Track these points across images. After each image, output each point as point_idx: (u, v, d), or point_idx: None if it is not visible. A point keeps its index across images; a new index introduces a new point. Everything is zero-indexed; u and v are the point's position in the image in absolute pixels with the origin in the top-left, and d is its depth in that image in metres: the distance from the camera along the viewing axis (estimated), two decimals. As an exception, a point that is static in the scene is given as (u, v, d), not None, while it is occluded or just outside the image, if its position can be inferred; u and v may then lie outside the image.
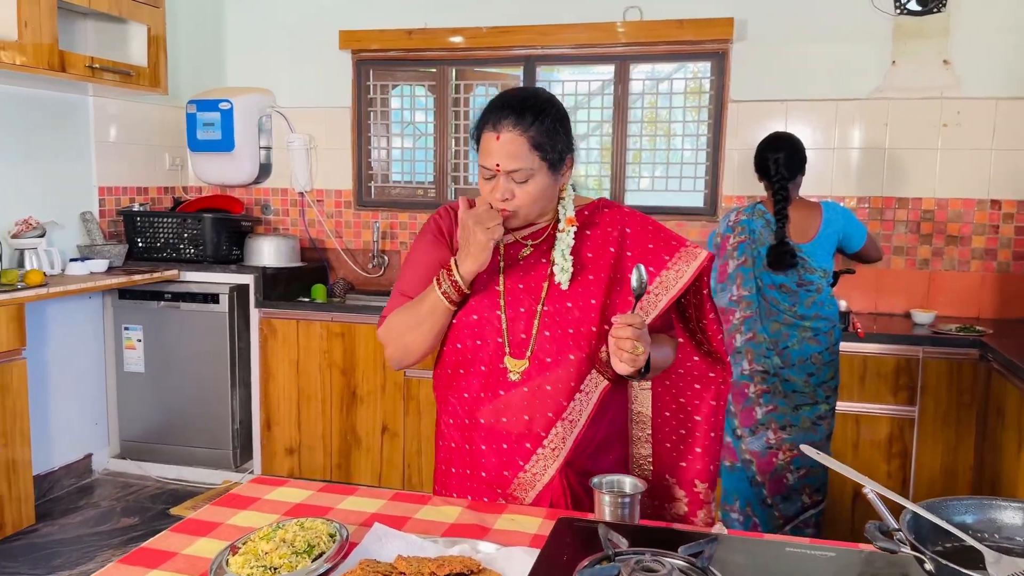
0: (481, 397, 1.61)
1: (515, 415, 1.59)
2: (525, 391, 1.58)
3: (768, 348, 2.90)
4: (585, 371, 1.59)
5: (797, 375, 2.89)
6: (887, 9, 3.73)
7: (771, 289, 2.91)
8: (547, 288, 1.62)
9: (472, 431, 1.63)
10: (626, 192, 4.17)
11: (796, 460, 2.92)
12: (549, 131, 1.57)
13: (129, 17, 3.74)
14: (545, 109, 1.58)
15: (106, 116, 4.12)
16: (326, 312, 3.92)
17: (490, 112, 1.59)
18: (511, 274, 1.64)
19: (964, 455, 3.29)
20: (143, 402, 4.15)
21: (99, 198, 4.11)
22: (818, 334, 2.89)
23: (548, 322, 1.60)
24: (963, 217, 3.76)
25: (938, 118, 3.73)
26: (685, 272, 1.59)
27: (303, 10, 4.43)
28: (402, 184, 4.56)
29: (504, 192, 1.57)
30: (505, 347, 1.60)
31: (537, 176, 1.57)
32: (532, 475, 1.59)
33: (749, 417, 2.94)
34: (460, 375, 1.65)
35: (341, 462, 3.95)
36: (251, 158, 4.42)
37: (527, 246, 1.67)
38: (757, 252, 2.92)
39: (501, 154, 1.55)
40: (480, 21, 4.14)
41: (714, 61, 3.98)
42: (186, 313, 4.04)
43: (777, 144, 3.00)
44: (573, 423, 1.58)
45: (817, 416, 2.92)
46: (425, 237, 1.73)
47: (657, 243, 1.64)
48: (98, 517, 3.66)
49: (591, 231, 1.67)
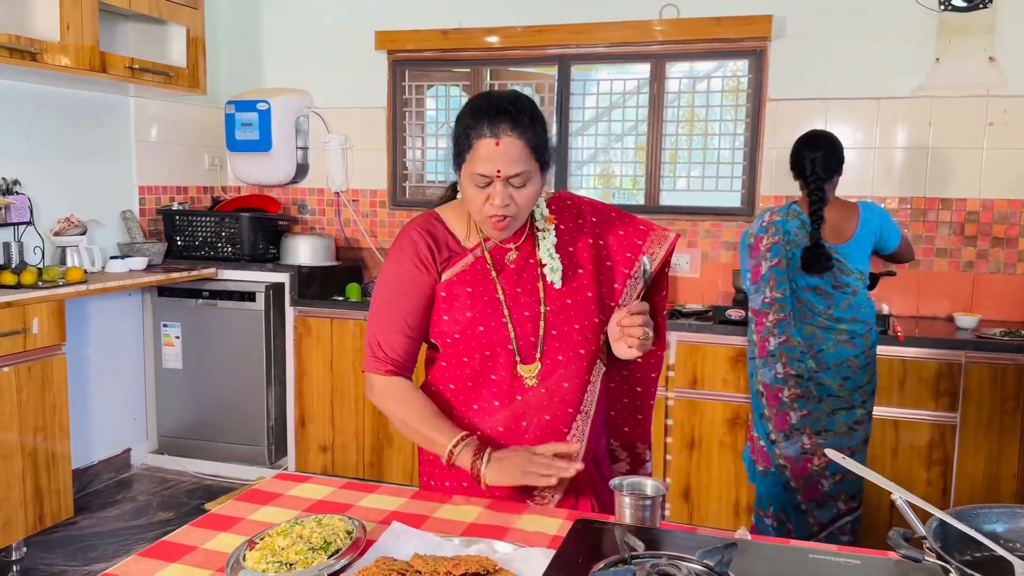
0: (495, 406, 1.61)
1: (536, 416, 1.60)
2: (543, 392, 1.60)
3: (802, 352, 2.84)
4: (593, 362, 1.64)
5: (832, 379, 2.82)
6: (931, 5, 3.64)
7: (805, 291, 2.85)
8: (543, 288, 1.62)
9: (491, 443, 1.60)
10: (662, 192, 4.13)
11: (831, 466, 2.86)
12: (541, 134, 1.55)
13: (169, 19, 3.80)
14: (535, 112, 1.56)
15: (146, 116, 4.20)
16: (360, 311, 3.94)
17: (481, 117, 1.52)
18: (505, 280, 1.63)
19: (1008, 463, 3.19)
20: (180, 398, 4.22)
21: (139, 197, 4.19)
22: (854, 337, 2.82)
23: (553, 321, 1.61)
24: (1009, 219, 3.65)
25: (984, 117, 3.63)
26: (658, 254, 1.68)
27: (339, 11, 4.46)
28: (436, 184, 4.57)
29: (504, 198, 1.52)
30: (515, 354, 1.60)
31: (534, 179, 1.55)
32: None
33: (784, 422, 2.88)
34: (469, 388, 1.63)
35: (374, 460, 3.97)
36: (288, 158, 4.46)
37: (511, 249, 1.65)
38: (792, 254, 2.87)
39: (503, 160, 1.50)
40: (515, 21, 4.13)
41: (752, 59, 3.92)
42: (223, 311, 4.09)
43: (815, 143, 2.93)
44: (587, 414, 1.63)
45: (854, 421, 2.85)
46: (401, 263, 1.63)
47: (627, 229, 1.69)
48: (135, 511, 3.72)
49: (564, 225, 1.68)
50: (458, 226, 1.68)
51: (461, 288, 1.61)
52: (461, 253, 1.65)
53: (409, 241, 1.65)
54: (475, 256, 1.64)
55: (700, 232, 4.02)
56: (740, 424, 3.43)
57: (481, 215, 1.57)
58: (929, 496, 3.26)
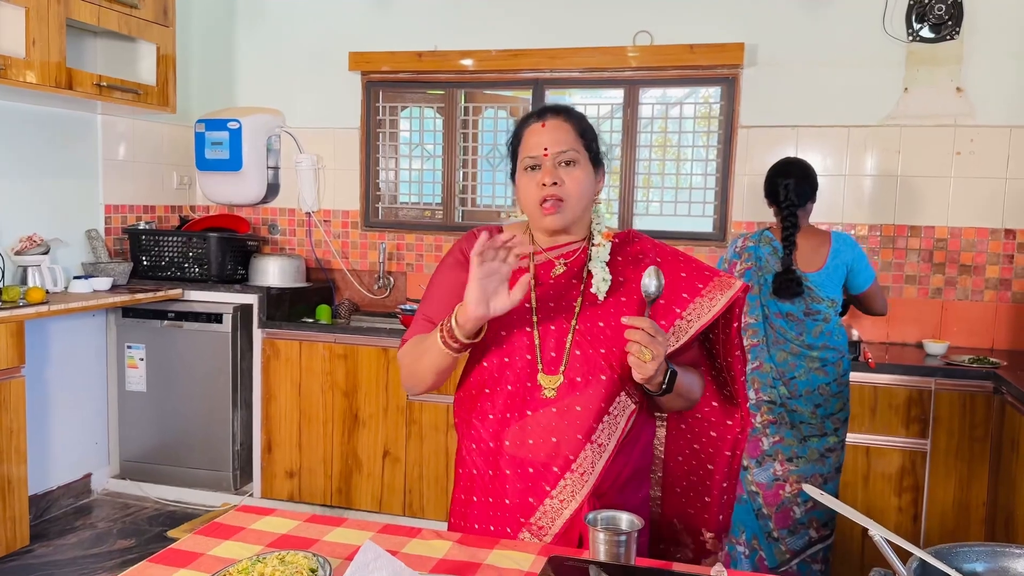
0: (507, 418, 1.56)
1: (542, 437, 1.53)
2: (554, 411, 1.53)
3: (774, 378, 2.83)
4: (615, 393, 1.54)
5: (804, 406, 2.82)
6: (899, 35, 3.69)
7: (778, 317, 2.85)
8: (580, 306, 1.58)
9: (497, 456, 1.57)
10: (635, 216, 4.13)
11: (803, 493, 2.85)
12: (588, 127, 1.63)
13: (139, 36, 3.75)
14: (582, 115, 1.65)
15: (115, 134, 4.13)
16: (329, 333, 3.88)
17: (528, 115, 1.64)
18: (542, 291, 1.61)
19: (977, 490, 3.20)
20: (144, 422, 4.12)
21: (105, 216, 4.11)
22: (826, 364, 2.82)
23: (580, 340, 1.56)
24: (976, 246, 3.69)
25: (951, 146, 3.68)
26: (719, 300, 1.56)
27: (314, 31, 4.44)
28: (409, 205, 4.53)
29: (552, 176, 1.55)
30: (538, 363, 1.55)
31: (583, 164, 1.58)
32: (559, 502, 1.53)
33: (755, 448, 2.87)
34: (485, 395, 1.60)
35: (342, 486, 3.90)
36: (259, 178, 4.41)
37: (560, 264, 1.63)
38: (764, 279, 2.87)
39: (549, 139, 1.56)
40: (490, 44, 4.13)
41: (724, 86, 3.95)
42: (189, 333, 4.01)
43: (787, 169, 2.95)
44: (602, 447, 1.53)
45: (826, 448, 2.84)
46: (446, 260, 1.70)
47: (690, 271, 1.62)
48: (94, 539, 3.61)
49: (622, 257, 1.64)
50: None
51: None
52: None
53: (466, 239, 1.68)
54: (520, 266, 1.61)
55: (673, 257, 4.01)
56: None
57: (532, 203, 1.58)
58: (900, 524, 3.26)
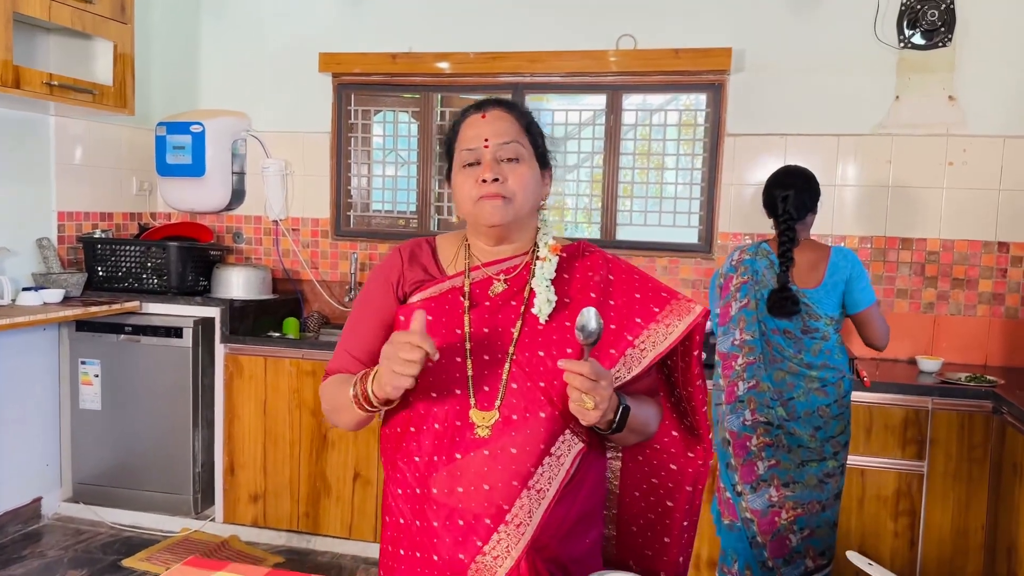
0: (435, 461, 1.37)
1: (473, 483, 1.34)
2: (486, 454, 1.34)
3: (772, 398, 2.68)
4: (557, 431, 1.36)
5: (803, 429, 2.67)
6: (891, 42, 3.58)
7: (775, 334, 2.70)
8: (518, 332, 1.40)
9: (424, 504, 1.38)
10: (617, 226, 3.98)
11: (800, 520, 2.70)
12: (535, 124, 1.48)
13: (95, 33, 3.53)
14: (527, 111, 1.50)
15: (69, 137, 3.89)
16: (296, 348, 3.67)
17: (467, 108, 1.49)
18: (478, 314, 1.42)
19: (976, 513, 3.08)
20: (98, 442, 3.88)
21: (58, 223, 3.87)
22: (826, 385, 2.67)
23: (517, 372, 1.37)
24: (969, 260, 3.58)
25: (944, 156, 3.57)
26: (676, 327, 1.40)
27: (282, 30, 4.23)
28: (383, 214, 4.34)
29: (494, 170, 1.39)
30: (470, 398, 1.37)
31: (528, 160, 1.43)
32: (492, 559, 1.33)
33: (750, 472, 2.72)
34: (411, 434, 1.41)
35: (309, 510, 3.69)
36: (223, 184, 4.19)
37: (500, 281, 1.45)
38: (760, 294, 2.72)
39: (490, 129, 1.42)
40: (467, 46, 3.96)
41: (710, 92, 3.81)
42: (147, 347, 3.78)
43: (787, 180, 2.80)
44: (541, 493, 1.34)
45: (824, 474, 2.69)
46: (369, 287, 1.52)
47: (645, 293, 1.45)
48: (43, 568, 3.37)
49: (569, 274, 1.46)
50: (447, 252, 1.51)
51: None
52: (438, 279, 1.46)
53: (387, 260, 1.51)
54: (453, 285, 1.45)
55: (658, 269, 3.87)
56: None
57: (471, 202, 1.42)
58: (896, 549, 3.12)
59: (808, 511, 2.68)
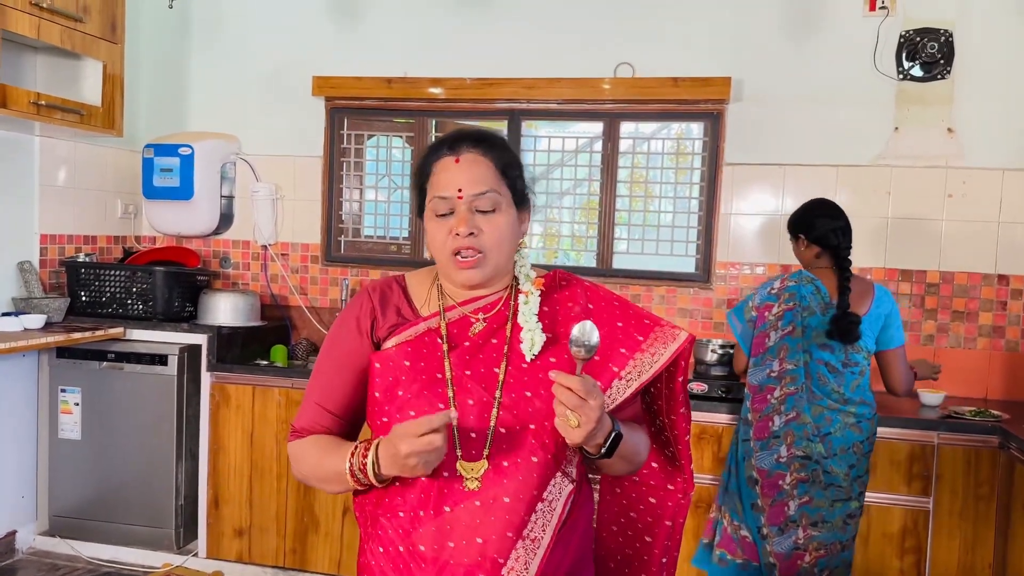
0: (421, 516, 1.29)
1: (464, 537, 1.26)
2: (477, 505, 1.27)
3: (812, 433, 2.62)
4: (549, 476, 1.30)
5: (839, 466, 2.61)
6: (890, 73, 3.57)
7: (819, 364, 2.67)
8: (504, 373, 1.33)
9: (411, 562, 1.29)
10: (614, 255, 3.92)
11: (820, 562, 2.63)
12: (511, 159, 1.37)
13: (84, 53, 3.45)
14: (504, 143, 1.39)
15: (54, 158, 3.79)
16: (285, 377, 3.57)
17: (440, 143, 1.37)
18: (457, 357, 1.34)
19: (983, 552, 3.01)
20: (78, 473, 3.73)
21: (41, 246, 3.76)
22: (860, 420, 2.65)
23: (504, 417, 1.30)
24: (969, 292, 3.56)
25: (943, 188, 3.56)
26: (662, 354, 1.36)
27: (274, 53, 4.17)
28: (375, 239, 4.26)
29: (468, 224, 1.30)
30: (456, 448, 1.29)
31: (505, 207, 1.34)
32: None
33: (780, 513, 2.62)
34: (395, 488, 1.32)
35: (296, 546, 3.56)
36: (211, 207, 4.10)
37: (478, 320, 1.38)
38: (807, 322, 2.68)
39: (464, 178, 1.31)
40: (463, 72, 3.91)
41: (708, 121, 3.78)
42: (130, 375, 3.66)
43: (836, 212, 2.87)
44: (536, 542, 1.27)
45: (847, 514, 2.63)
46: (337, 333, 1.43)
47: (627, 321, 1.39)
48: (16, 607, 3.23)
49: (550, 307, 1.39)
50: (419, 291, 1.42)
51: (399, 361, 1.33)
52: (412, 321, 1.38)
53: (356, 302, 1.42)
54: (428, 326, 1.37)
55: (655, 298, 3.82)
56: (702, 507, 3.17)
57: (445, 254, 1.33)
58: (902, 588, 3.05)
59: (830, 552, 2.63)
